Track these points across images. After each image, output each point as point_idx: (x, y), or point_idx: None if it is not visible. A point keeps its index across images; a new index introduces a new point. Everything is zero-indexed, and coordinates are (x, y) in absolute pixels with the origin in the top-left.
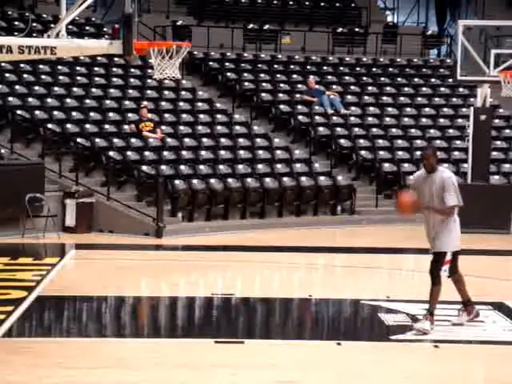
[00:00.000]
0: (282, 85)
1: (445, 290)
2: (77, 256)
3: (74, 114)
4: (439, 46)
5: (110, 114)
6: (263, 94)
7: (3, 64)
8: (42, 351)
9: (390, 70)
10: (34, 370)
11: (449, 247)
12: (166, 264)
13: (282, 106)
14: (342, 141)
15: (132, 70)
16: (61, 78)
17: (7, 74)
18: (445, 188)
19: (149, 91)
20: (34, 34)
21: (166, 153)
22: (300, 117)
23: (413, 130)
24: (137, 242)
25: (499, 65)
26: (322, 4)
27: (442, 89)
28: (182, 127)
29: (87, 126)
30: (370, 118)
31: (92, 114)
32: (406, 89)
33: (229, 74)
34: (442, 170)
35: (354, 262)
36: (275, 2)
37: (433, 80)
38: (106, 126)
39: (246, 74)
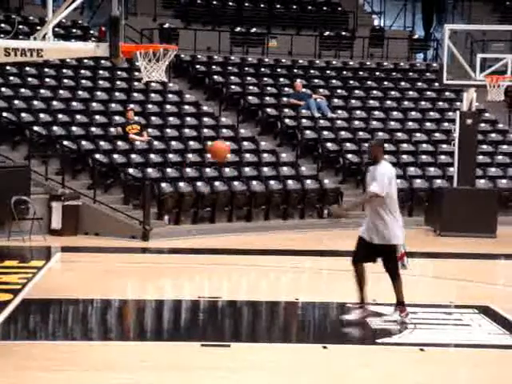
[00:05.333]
0: (268, 88)
1: (429, 294)
2: (63, 259)
3: (60, 116)
4: (425, 50)
5: (97, 117)
6: (250, 97)
7: None
8: (28, 354)
9: (377, 73)
10: (21, 373)
11: (397, 239)
12: (153, 267)
13: (268, 110)
14: (329, 144)
15: (119, 72)
16: (47, 80)
17: None
18: (374, 177)
19: (135, 94)
20: (21, 37)
21: (152, 156)
22: (287, 120)
23: (399, 134)
24: (123, 245)
25: (485, 69)
26: (309, 8)
27: (429, 93)
28: (168, 130)
29: (73, 128)
30: (356, 122)
31: (78, 116)
32: (393, 92)
33: (216, 77)
34: (384, 163)
35: (341, 266)
36: (262, 5)
37: (419, 84)
38: (93, 129)
39: (232, 77)
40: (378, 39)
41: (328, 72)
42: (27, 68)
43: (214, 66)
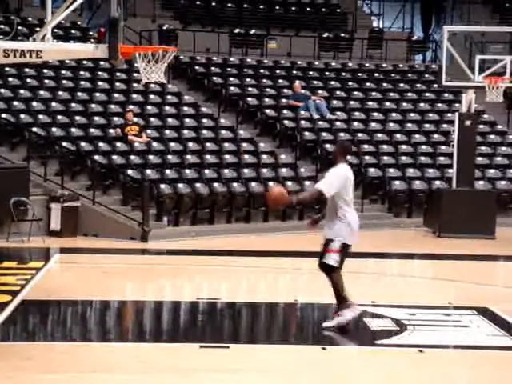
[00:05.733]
0: (267, 89)
1: (428, 295)
2: (62, 260)
3: (59, 117)
4: (424, 52)
5: (96, 118)
6: (249, 99)
7: None
8: (27, 356)
9: (376, 75)
10: (19, 374)
11: (334, 235)
12: (152, 268)
13: (267, 111)
14: (328, 146)
15: (118, 73)
16: (46, 81)
17: None
18: (324, 177)
19: (134, 95)
20: (20, 38)
21: (151, 157)
22: (286, 121)
23: (398, 135)
24: (122, 247)
25: (484, 70)
26: (308, 9)
27: (427, 94)
28: (167, 131)
29: (72, 129)
30: (355, 123)
31: (77, 117)
32: (392, 94)
33: (215, 78)
34: (341, 166)
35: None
36: (261, 6)
37: (418, 85)
38: (92, 130)
39: (231, 79)
40: (376, 41)
41: (327, 73)
42: (26, 69)
43: (213, 68)
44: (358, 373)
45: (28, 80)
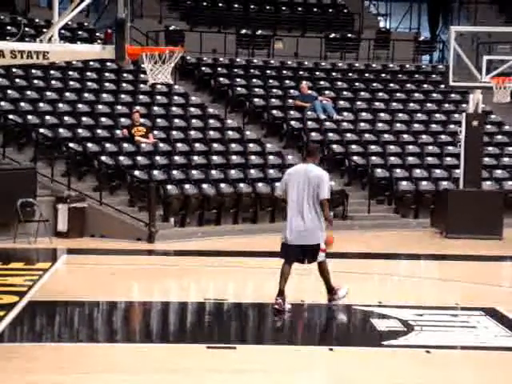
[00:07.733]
0: (274, 90)
1: (435, 296)
2: (68, 261)
3: (66, 118)
4: (431, 52)
5: (103, 119)
6: (256, 100)
7: None
8: (33, 356)
9: (383, 75)
10: (26, 375)
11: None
12: (158, 269)
13: (274, 112)
14: (335, 146)
15: (124, 74)
16: (53, 82)
17: None
18: None
19: (141, 96)
20: (27, 39)
21: (158, 158)
22: (292, 122)
23: (405, 136)
24: (129, 247)
25: (491, 71)
26: (315, 9)
27: (435, 94)
28: (174, 132)
29: (79, 130)
30: (362, 124)
31: (84, 118)
32: (399, 94)
33: (221, 79)
34: (294, 167)
35: (346, 268)
36: (268, 7)
37: (425, 86)
38: (99, 131)
39: (238, 80)
40: (383, 41)
41: (334, 74)
42: (33, 70)
43: (219, 68)
44: (365, 374)
45: (35, 81)
